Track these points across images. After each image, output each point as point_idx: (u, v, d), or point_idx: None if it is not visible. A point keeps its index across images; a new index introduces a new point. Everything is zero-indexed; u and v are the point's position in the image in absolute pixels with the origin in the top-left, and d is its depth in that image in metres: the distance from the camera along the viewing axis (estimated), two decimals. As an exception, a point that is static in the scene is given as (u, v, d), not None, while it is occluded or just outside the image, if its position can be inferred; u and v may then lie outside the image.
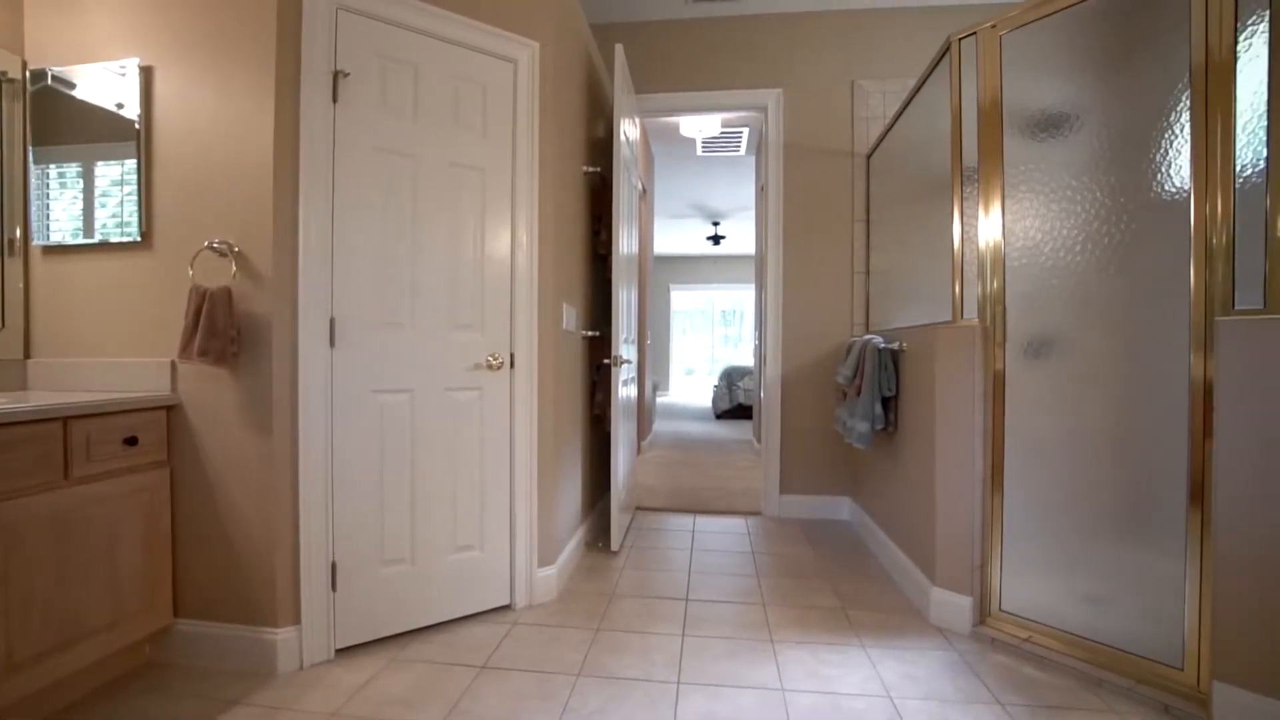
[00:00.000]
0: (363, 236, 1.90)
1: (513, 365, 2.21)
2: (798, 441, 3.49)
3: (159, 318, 1.80)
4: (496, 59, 2.16)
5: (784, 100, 3.48)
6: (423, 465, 2.03)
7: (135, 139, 1.79)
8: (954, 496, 2.08)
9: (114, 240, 1.81)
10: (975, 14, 3.33)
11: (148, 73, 1.79)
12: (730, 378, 8.25)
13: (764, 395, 3.59)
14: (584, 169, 2.87)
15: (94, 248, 1.84)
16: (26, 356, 1.89)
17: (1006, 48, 2.00)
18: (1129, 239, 1.74)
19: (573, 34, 2.65)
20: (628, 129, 3.00)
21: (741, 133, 5.34)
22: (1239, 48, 1.51)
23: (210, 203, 1.77)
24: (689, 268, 12.31)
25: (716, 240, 9.38)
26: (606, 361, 2.86)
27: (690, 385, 12.92)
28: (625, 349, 3.02)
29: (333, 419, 1.85)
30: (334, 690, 1.69)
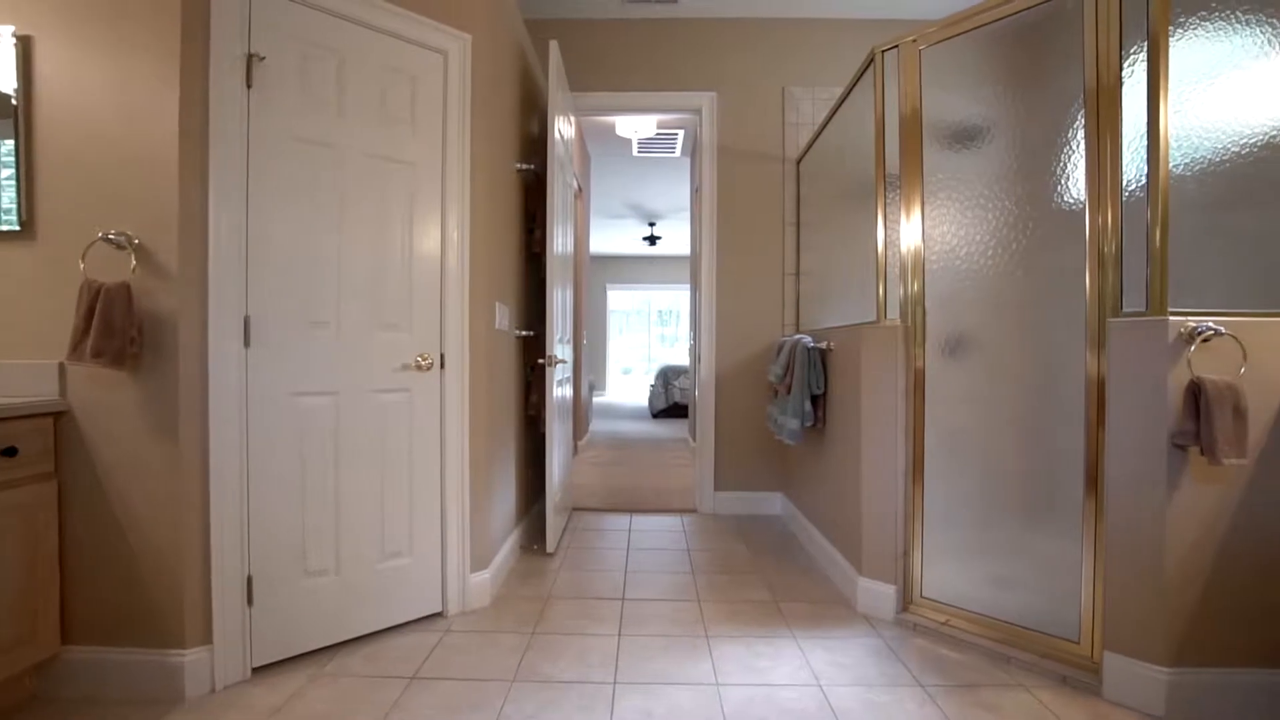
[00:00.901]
0: (282, 231, 1.79)
1: (443, 366, 2.15)
2: (732, 439, 3.56)
3: (45, 315, 1.63)
4: (426, 50, 2.09)
5: (718, 104, 3.54)
6: (348, 470, 1.94)
7: (13, 116, 1.62)
8: (879, 489, 2.18)
9: (-10, 229, 1.63)
10: (901, 28, 3.47)
11: (26, 42, 1.62)
12: (666, 377, 8.32)
13: (698, 394, 3.64)
14: (518, 166, 2.82)
15: (-35, 237, 1.65)
16: (-118, 358, 1.68)
17: (926, 61, 2.11)
18: (1034, 245, 1.87)
19: (506, 27, 2.60)
20: (563, 126, 2.97)
21: (677, 135, 5.40)
22: (1124, 73, 1.65)
23: (105, 190, 1.62)
24: (626, 268, 12.34)
25: (653, 241, 9.45)
26: (541, 361, 2.82)
27: (627, 385, 12.96)
28: (560, 349, 2.99)
29: (248, 423, 1.74)
30: (249, 712, 1.59)
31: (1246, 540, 1.55)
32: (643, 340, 13.30)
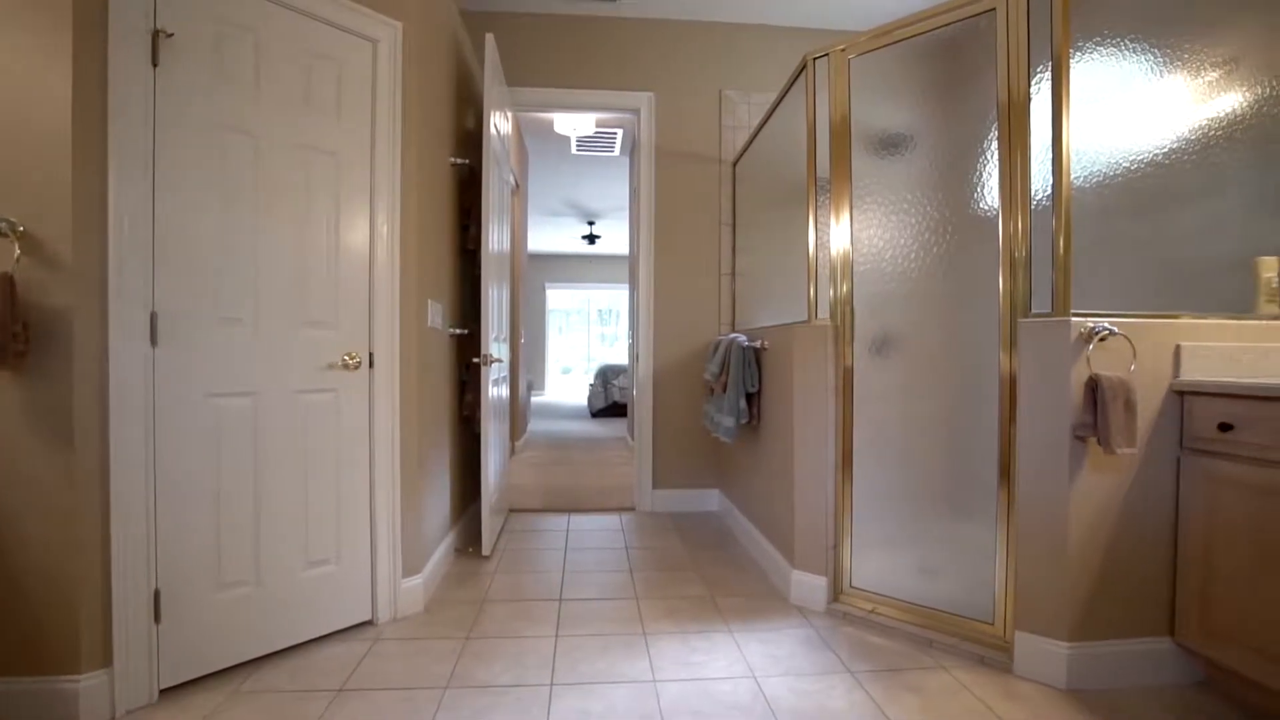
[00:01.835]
0: (195, 221, 1.68)
1: (372, 365, 2.07)
2: (669, 437, 3.59)
3: (-89, 309, 1.46)
4: (355, 36, 2.01)
5: (656, 104, 3.56)
6: (270, 475, 1.84)
7: (-126, 88, 1.45)
8: (810, 483, 2.24)
9: None
10: (834, 36, 3.60)
11: (-108, 8, 1.45)
12: (605, 376, 8.31)
13: (637, 393, 3.66)
14: (452, 160, 2.75)
15: None
16: None
17: (855, 71, 2.19)
18: (954, 249, 1.98)
19: (441, 17, 2.53)
20: (499, 121, 2.92)
21: (616, 134, 5.40)
22: (1032, 90, 1.77)
23: (-15, 172, 1.47)
24: (565, 266, 12.24)
25: (592, 240, 9.42)
26: (476, 360, 2.76)
27: (567, 384, 12.86)
28: (496, 347, 2.93)
29: (156, 427, 1.62)
30: (157, 737, 1.48)
31: (1132, 523, 1.69)
32: (583, 339, 13.24)
